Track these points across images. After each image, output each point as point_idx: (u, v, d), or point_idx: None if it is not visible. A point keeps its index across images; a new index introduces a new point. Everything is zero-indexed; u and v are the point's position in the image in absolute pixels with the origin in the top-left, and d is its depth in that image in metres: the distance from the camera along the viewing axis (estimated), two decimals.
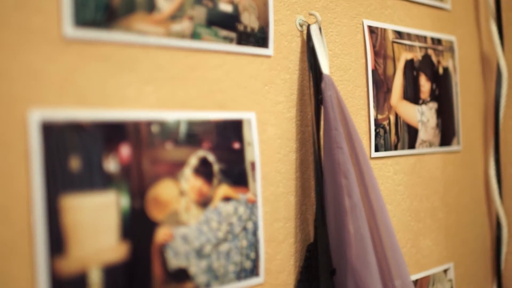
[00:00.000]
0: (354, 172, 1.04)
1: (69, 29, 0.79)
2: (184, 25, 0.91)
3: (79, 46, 0.80)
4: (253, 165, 0.99)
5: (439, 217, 1.41)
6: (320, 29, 1.08)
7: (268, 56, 1.04)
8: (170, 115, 0.89)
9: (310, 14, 1.09)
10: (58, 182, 0.77)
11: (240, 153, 0.98)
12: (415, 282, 1.32)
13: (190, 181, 0.90)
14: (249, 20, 1.00)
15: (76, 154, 0.78)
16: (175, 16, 0.90)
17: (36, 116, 0.75)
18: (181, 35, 0.91)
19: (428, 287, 1.36)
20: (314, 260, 1.05)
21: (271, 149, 1.03)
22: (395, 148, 1.27)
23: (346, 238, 1.01)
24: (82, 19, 0.80)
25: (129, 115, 0.84)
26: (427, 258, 1.37)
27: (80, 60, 0.80)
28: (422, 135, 1.35)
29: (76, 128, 0.79)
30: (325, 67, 1.06)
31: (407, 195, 1.32)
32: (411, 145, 1.32)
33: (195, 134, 0.91)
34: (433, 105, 1.39)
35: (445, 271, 1.42)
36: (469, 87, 1.54)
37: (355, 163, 1.05)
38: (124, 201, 0.83)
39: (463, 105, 1.52)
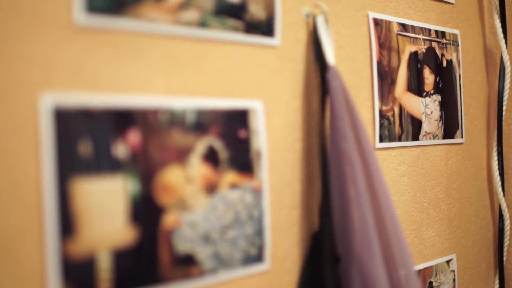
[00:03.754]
0: (359, 161, 1.05)
1: (80, 16, 0.80)
2: (192, 14, 0.92)
3: (89, 33, 0.81)
4: (259, 153, 1.00)
5: (442, 208, 1.42)
6: (326, 20, 1.09)
7: (274, 46, 1.05)
8: (177, 102, 0.90)
9: (316, 6, 1.10)
10: (68, 166, 0.78)
11: (247, 141, 0.99)
12: (418, 272, 1.33)
13: (197, 168, 0.92)
14: (257, 10, 1.01)
15: (86, 139, 0.80)
16: (184, 5, 0.91)
17: (48, 101, 0.76)
18: (189, 24, 0.92)
19: (431, 277, 1.37)
20: (319, 248, 1.06)
21: (277, 138, 1.04)
22: (399, 139, 1.29)
23: (350, 227, 1.03)
24: (93, 7, 0.81)
25: (137, 101, 0.85)
26: (430, 249, 1.38)
27: (90, 47, 0.81)
28: (426, 127, 1.36)
29: (86, 113, 0.80)
30: (330, 58, 1.07)
31: (410, 186, 1.33)
32: (415, 137, 1.33)
33: (202, 122, 0.93)
34: (437, 98, 1.40)
35: (448, 262, 1.43)
36: (472, 80, 1.55)
37: (360, 152, 1.06)
38: (132, 186, 0.84)
39: (466, 98, 1.53)
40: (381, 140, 1.25)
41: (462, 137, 1.50)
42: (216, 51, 0.96)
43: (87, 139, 0.80)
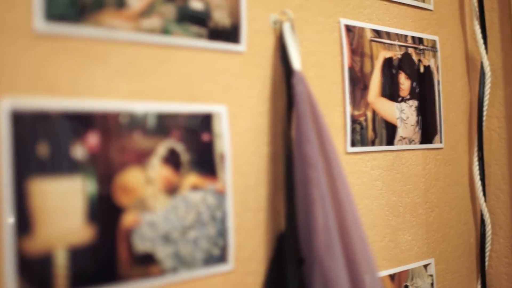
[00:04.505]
0: (323, 165, 1.07)
1: (40, 23, 0.84)
2: (154, 21, 0.95)
3: (49, 40, 0.85)
4: (222, 156, 1.03)
5: (419, 213, 1.44)
6: (292, 26, 1.12)
7: (240, 52, 1.08)
8: (139, 106, 0.93)
9: (283, 13, 1.13)
10: (26, 167, 0.81)
11: (210, 144, 1.02)
12: (393, 276, 1.35)
13: (157, 170, 0.95)
14: (221, 17, 1.04)
15: (44, 141, 0.83)
16: (145, 13, 0.94)
17: (6, 104, 0.80)
18: (151, 31, 0.95)
19: (407, 281, 1.39)
20: (283, 250, 1.09)
21: (243, 142, 1.07)
22: (373, 144, 1.31)
23: (313, 229, 1.05)
24: (53, 14, 0.85)
25: (97, 105, 0.89)
26: (406, 252, 1.40)
27: (50, 53, 0.85)
28: (401, 132, 1.38)
29: (44, 116, 0.83)
30: (296, 64, 1.10)
31: (385, 190, 1.35)
32: (390, 142, 1.35)
33: (164, 125, 0.96)
34: (413, 103, 1.42)
35: (426, 266, 1.44)
36: (453, 86, 1.57)
37: (323, 156, 1.08)
38: (91, 186, 0.87)
39: (446, 104, 1.54)
40: (353, 144, 1.27)
41: (441, 142, 1.51)
42: (179, 57, 0.99)
43: (46, 141, 0.84)
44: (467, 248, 1.59)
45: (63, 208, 0.85)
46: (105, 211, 0.89)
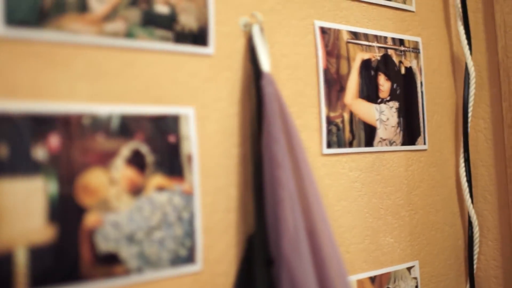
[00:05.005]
0: (291, 165, 1.08)
1: (1, 28, 0.86)
2: (118, 25, 0.97)
3: (10, 44, 0.87)
4: (190, 158, 1.04)
5: (402, 215, 1.44)
6: (261, 29, 1.13)
7: (208, 55, 1.09)
8: (102, 109, 0.95)
9: (253, 15, 1.14)
10: None
11: (176, 146, 1.03)
12: (373, 278, 1.35)
13: (121, 171, 0.96)
14: (187, 21, 1.05)
15: (4, 142, 0.85)
16: (109, 17, 0.96)
17: None
18: (115, 35, 0.97)
19: (389, 283, 1.38)
20: (252, 251, 1.09)
21: (212, 144, 1.08)
22: (350, 145, 1.31)
23: (280, 229, 1.05)
24: (13, 19, 0.87)
25: (59, 107, 0.90)
26: (387, 255, 1.39)
27: (11, 57, 0.87)
28: (381, 133, 1.38)
29: (4, 119, 0.85)
30: (265, 65, 1.11)
31: (364, 192, 1.35)
32: (369, 143, 1.35)
33: (128, 127, 0.97)
34: (394, 104, 1.42)
35: (409, 269, 1.44)
36: (437, 87, 1.57)
37: (292, 157, 1.08)
38: (52, 187, 0.89)
39: (430, 105, 1.54)
40: (329, 146, 1.27)
41: (425, 143, 1.51)
42: (145, 60, 1.01)
43: (5, 142, 0.85)
44: (454, 251, 1.58)
45: (24, 208, 0.86)
46: (66, 211, 0.90)
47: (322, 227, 1.09)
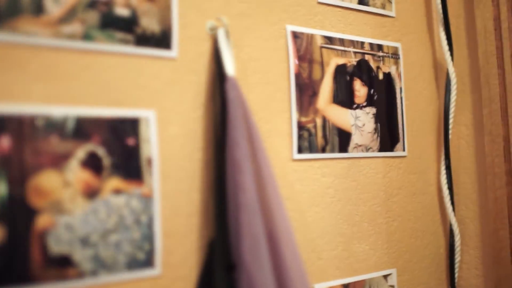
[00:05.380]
0: (253, 170, 1.07)
1: None
2: (74, 27, 0.97)
3: None
4: (149, 161, 1.04)
5: (379, 222, 1.42)
6: (227, 33, 1.12)
7: (172, 58, 1.08)
8: (56, 110, 0.95)
9: (218, 19, 1.13)
10: None
11: (135, 149, 1.02)
12: (347, 285, 1.33)
13: (76, 173, 0.96)
14: (149, 24, 1.05)
15: None
16: (65, 19, 0.96)
17: None
18: (71, 37, 0.97)
19: None
20: (214, 256, 1.08)
21: (174, 147, 1.08)
22: (323, 151, 1.30)
23: (240, 234, 1.04)
24: None
25: (12, 109, 0.90)
26: (362, 262, 1.38)
27: None
28: (356, 139, 1.36)
29: None
30: (230, 69, 1.10)
31: (338, 198, 1.34)
32: (343, 149, 1.34)
33: (84, 129, 0.97)
34: (371, 110, 1.40)
35: (386, 276, 1.42)
36: (418, 94, 1.55)
37: (254, 162, 1.08)
38: (1, 188, 0.89)
39: (411, 111, 1.52)
40: (300, 151, 1.26)
41: (404, 150, 1.49)
42: (104, 63, 1.01)
43: None
44: (435, 259, 1.56)
45: None
46: (16, 212, 0.90)
47: (283, 233, 1.08)
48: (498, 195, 1.43)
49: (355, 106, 1.37)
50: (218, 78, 1.11)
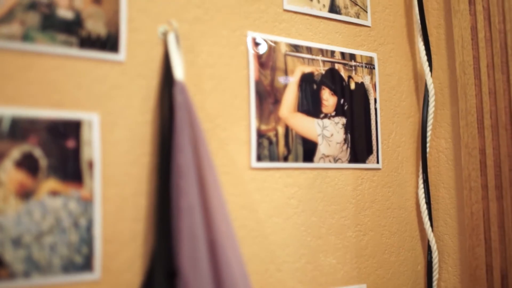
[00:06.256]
0: (196, 176, 1.05)
1: None
2: (14, 28, 0.97)
3: None
4: (91, 164, 1.03)
5: (347, 235, 1.38)
6: (177, 37, 1.12)
7: (119, 62, 1.08)
8: None
9: (169, 23, 1.13)
10: None
11: (75, 151, 1.02)
12: None
13: (9, 173, 0.95)
14: (95, 26, 1.05)
15: None
16: (4, 19, 0.97)
17: None
18: (10, 37, 0.97)
19: None
20: (155, 262, 1.06)
21: (119, 151, 1.07)
22: (285, 160, 1.27)
23: (179, 239, 1.02)
24: None
25: None
26: (328, 276, 1.34)
27: None
28: (323, 149, 1.34)
29: None
30: (178, 74, 1.09)
31: (302, 209, 1.31)
32: (308, 159, 1.31)
33: (21, 129, 0.97)
34: (340, 120, 1.37)
35: None
36: (396, 105, 1.51)
37: (198, 168, 1.06)
38: None
39: (388, 123, 1.49)
40: (259, 159, 1.24)
41: (378, 162, 1.45)
42: (44, 64, 1.01)
43: None
44: (412, 277, 1.51)
45: None
46: None
47: (226, 240, 1.06)
48: (474, 210, 1.38)
49: (322, 115, 1.35)
50: (167, 82, 1.10)
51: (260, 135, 1.24)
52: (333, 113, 1.37)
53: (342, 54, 1.40)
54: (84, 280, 1.02)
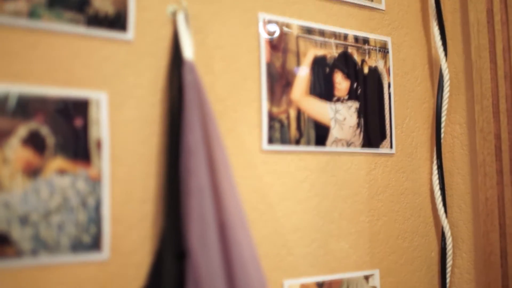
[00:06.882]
0: (206, 156, 1.04)
1: None
2: (20, 5, 0.97)
3: None
4: (99, 143, 1.02)
5: (360, 220, 1.36)
6: (187, 16, 1.10)
7: (127, 41, 1.07)
8: None
9: (179, 2, 1.12)
10: None
11: (83, 130, 1.01)
12: (321, 284, 1.28)
13: (16, 151, 0.95)
14: (102, 4, 1.04)
15: None
16: None
17: None
18: (16, 14, 0.96)
19: None
20: (164, 243, 1.05)
21: (128, 131, 1.06)
22: (297, 143, 1.25)
23: (188, 220, 1.01)
24: None
25: None
26: (340, 261, 1.32)
27: None
28: (336, 133, 1.32)
29: None
30: (188, 53, 1.08)
31: (314, 193, 1.29)
32: (321, 142, 1.29)
33: (27, 107, 0.96)
34: (353, 104, 1.35)
35: (368, 277, 1.36)
36: (410, 90, 1.49)
37: (208, 148, 1.05)
38: None
39: (402, 109, 1.46)
40: (271, 142, 1.22)
41: (391, 147, 1.43)
42: (51, 42, 1.00)
43: None
44: (426, 263, 1.49)
45: None
46: None
47: (236, 222, 1.04)
48: (489, 196, 1.36)
49: (335, 99, 1.33)
50: (176, 62, 1.09)
51: (272, 117, 1.23)
52: (346, 97, 1.35)
53: (356, 37, 1.38)
54: (92, 260, 1.01)
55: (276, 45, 1.25)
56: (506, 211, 1.33)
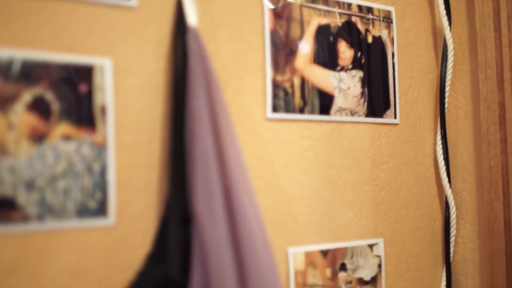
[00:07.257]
0: (210, 122, 1.04)
1: None
2: None
3: None
4: (104, 109, 1.02)
5: (364, 190, 1.37)
6: None
7: (131, 8, 1.07)
8: (1, 52, 0.94)
9: None
10: None
11: (88, 96, 1.01)
12: (326, 252, 1.28)
13: (21, 116, 0.95)
14: None
15: None
16: None
17: None
18: None
19: (345, 259, 1.32)
20: (170, 208, 1.06)
21: (133, 98, 1.06)
22: (301, 112, 1.25)
23: (193, 185, 1.02)
24: None
25: None
26: (344, 229, 1.33)
27: None
28: (340, 102, 1.32)
29: None
30: (192, 20, 1.07)
31: (318, 162, 1.29)
32: (325, 111, 1.29)
33: (32, 73, 0.96)
34: (357, 73, 1.35)
35: (372, 246, 1.36)
36: (414, 61, 1.49)
37: (212, 114, 1.05)
38: None
39: (406, 79, 1.46)
40: (275, 110, 1.22)
41: (395, 117, 1.43)
42: (54, 8, 1.00)
43: None
44: (430, 232, 1.49)
45: None
46: None
47: (241, 187, 1.05)
48: (492, 164, 1.36)
49: (338, 68, 1.33)
50: (180, 29, 1.09)
51: (276, 85, 1.22)
52: (350, 66, 1.34)
53: (359, 7, 1.37)
54: (98, 226, 1.01)
55: (280, 14, 1.25)
56: (510, 179, 1.33)
